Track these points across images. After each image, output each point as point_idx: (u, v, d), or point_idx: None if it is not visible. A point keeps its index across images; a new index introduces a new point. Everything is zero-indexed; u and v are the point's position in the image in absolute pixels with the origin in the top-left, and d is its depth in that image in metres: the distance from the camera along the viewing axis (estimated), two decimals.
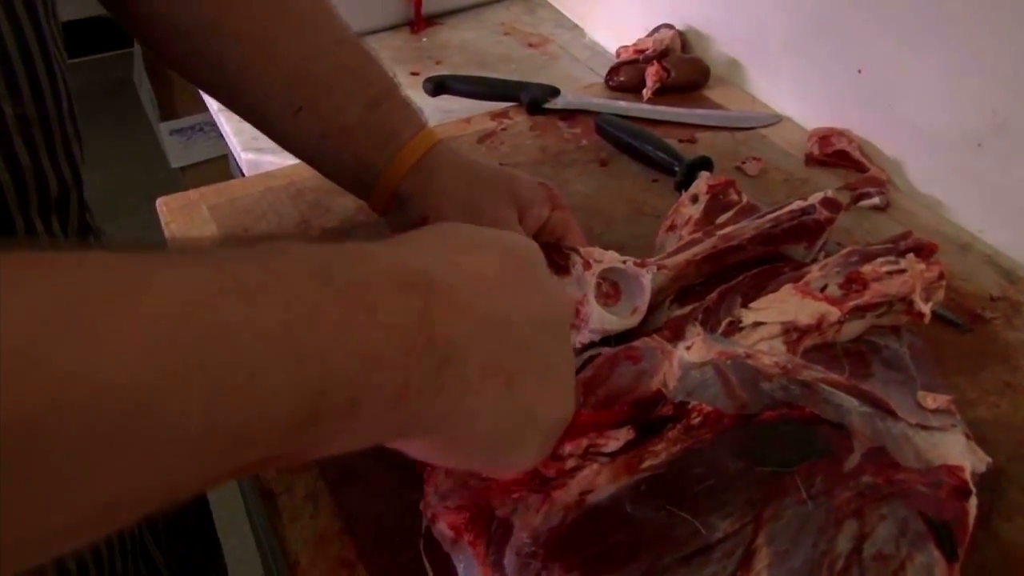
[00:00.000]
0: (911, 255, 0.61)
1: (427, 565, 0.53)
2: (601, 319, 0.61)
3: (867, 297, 0.58)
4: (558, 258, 0.63)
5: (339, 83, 0.65)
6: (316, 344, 0.29)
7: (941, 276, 0.61)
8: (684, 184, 0.94)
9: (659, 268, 0.64)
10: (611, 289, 0.63)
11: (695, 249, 0.65)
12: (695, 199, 0.73)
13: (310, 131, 0.66)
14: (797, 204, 0.68)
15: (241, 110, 0.68)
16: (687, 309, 0.63)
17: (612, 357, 0.54)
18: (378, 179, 0.66)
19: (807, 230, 0.67)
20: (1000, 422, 0.69)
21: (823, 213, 0.68)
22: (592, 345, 0.61)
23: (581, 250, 0.63)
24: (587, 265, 0.62)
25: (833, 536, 0.45)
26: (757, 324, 0.57)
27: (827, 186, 0.96)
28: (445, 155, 0.65)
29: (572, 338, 0.61)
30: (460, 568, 0.50)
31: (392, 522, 0.60)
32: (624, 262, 0.63)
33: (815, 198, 0.69)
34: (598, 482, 0.47)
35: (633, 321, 0.62)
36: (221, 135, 1.28)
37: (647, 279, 0.63)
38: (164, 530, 0.68)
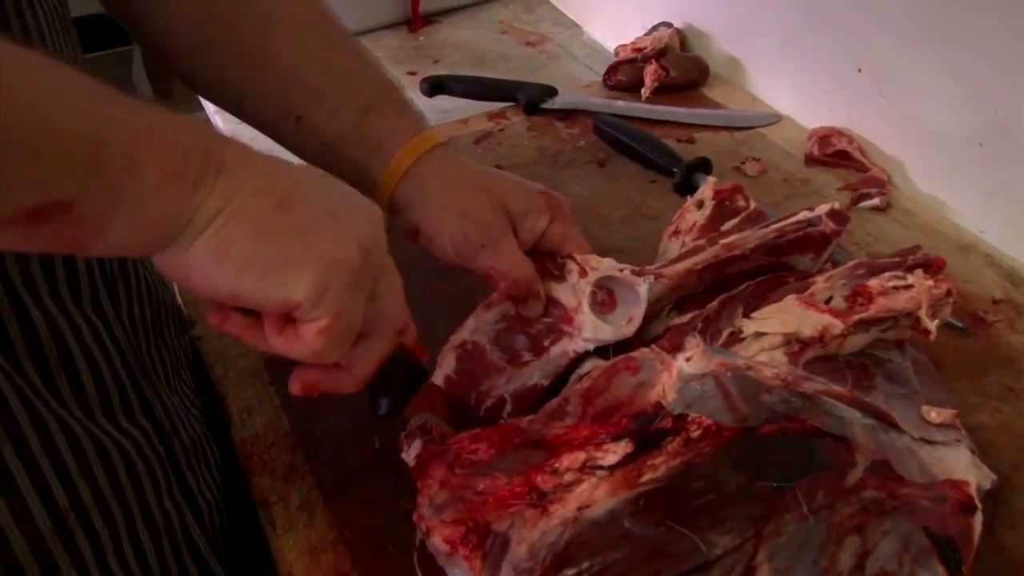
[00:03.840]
0: (919, 271, 0.60)
1: None
2: (594, 328, 0.60)
3: (872, 311, 0.57)
4: (551, 266, 0.62)
5: (332, 90, 0.64)
6: (109, 102, 0.36)
7: (948, 293, 0.60)
8: (682, 185, 0.93)
9: (657, 277, 0.62)
10: (607, 297, 0.62)
11: (696, 258, 0.63)
12: (701, 205, 0.72)
13: (311, 139, 0.65)
14: (803, 215, 0.67)
15: (252, 123, 0.69)
16: (687, 317, 0.62)
17: (610, 368, 0.53)
18: (376, 187, 0.65)
19: (812, 242, 0.66)
20: (1003, 428, 0.68)
21: (829, 225, 0.66)
22: (587, 356, 0.60)
23: (578, 257, 0.62)
24: (583, 273, 0.61)
25: (835, 553, 0.44)
26: (759, 334, 0.56)
27: (827, 186, 0.95)
28: (437, 162, 0.63)
29: (565, 347, 0.60)
30: None
31: (387, 532, 0.60)
32: (621, 270, 0.62)
33: (821, 209, 0.68)
34: (596, 496, 0.46)
35: (628, 331, 0.61)
36: None
37: (643, 289, 0.61)
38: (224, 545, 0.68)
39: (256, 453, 0.67)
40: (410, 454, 0.59)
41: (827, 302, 0.59)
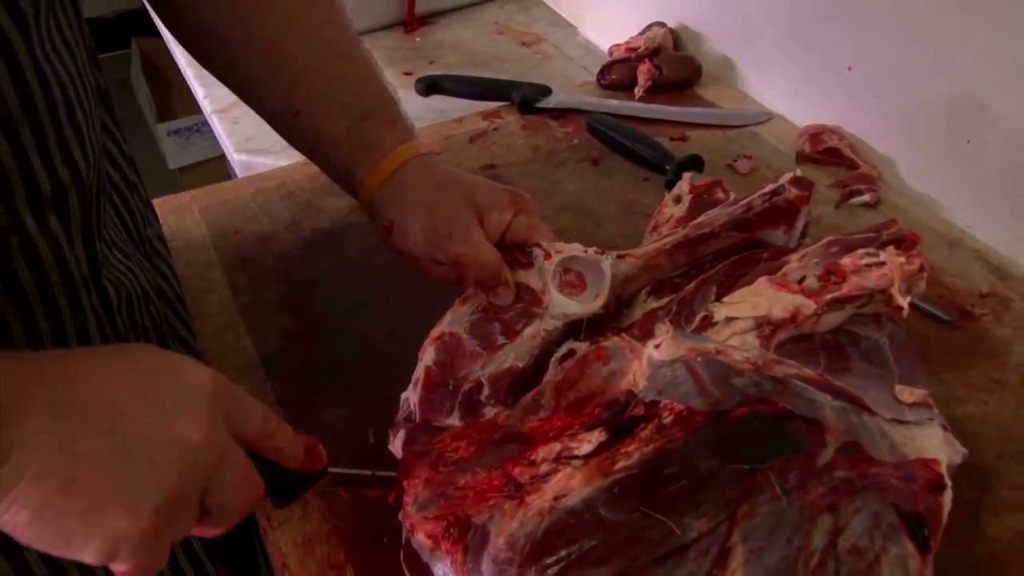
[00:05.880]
0: (891, 247, 0.61)
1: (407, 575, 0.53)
2: (560, 304, 0.63)
3: (845, 290, 0.58)
4: (520, 255, 0.65)
5: (334, 95, 0.68)
6: None
7: (922, 268, 0.60)
8: (675, 183, 0.93)
9: (623, 256, 0.64)
10: (576, 280, 0.65)
11: (667, 239, 0.65)
12: (678, 199, 0.73)
13: (306, 134, 0.70)
14: (768, 187, 0.68)
15: (252, 105, 0.73)
16: (663, 301, 0.63)
17: (582, 359, 0.54)
18: (359, 188, 0.69)
19: (781, 212, 0.67)
20: (988, 419, 0.69)
21: (793, 192, 0.67)
22: (562, 339, 0.62)
23: (544, 244, 0.65)
24: (547, 256, 0.64)
25: (808, 531, 0.45)
26: (730, 319, 0.57)
27: (818, 183, 0.96)
28: (416, 168, 0.68)
29: (536, 327, 0.62)
30: None
31: (381, 524, 0.60)
32: (585, 251, 0.65)
33: (784, 178, 0.68)
34: (572, 486, 0.47)
35: (595, 306, 0.63)
36: None
37: (606, 265, 0.64)
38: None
39: None
40: (396, 445, 0.60)
41: (800, 282, 0.59)
